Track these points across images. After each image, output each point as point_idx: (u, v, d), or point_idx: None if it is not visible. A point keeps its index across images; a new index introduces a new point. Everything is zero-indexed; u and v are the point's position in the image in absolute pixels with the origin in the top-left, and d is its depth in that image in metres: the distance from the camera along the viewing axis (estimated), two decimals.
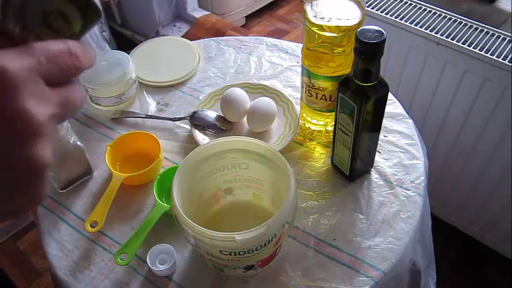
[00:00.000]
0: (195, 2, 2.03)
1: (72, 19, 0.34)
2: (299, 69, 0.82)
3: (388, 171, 0.73)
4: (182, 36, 1.75)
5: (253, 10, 2.28)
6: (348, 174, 0.71)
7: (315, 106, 0.73)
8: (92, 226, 0.66)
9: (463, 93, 1.08)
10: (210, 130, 0.79)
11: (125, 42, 1.95)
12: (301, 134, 0.79)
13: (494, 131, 1.08)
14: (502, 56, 0.98)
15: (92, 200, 0.72)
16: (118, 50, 0.89)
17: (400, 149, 0.76)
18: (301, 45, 0.73)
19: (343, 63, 0.66)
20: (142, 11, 1.95)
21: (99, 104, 0.85)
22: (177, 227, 0.55)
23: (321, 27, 0.62)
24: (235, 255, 0.53)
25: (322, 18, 0.63)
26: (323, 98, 0.71)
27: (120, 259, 0.61)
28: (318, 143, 0.78)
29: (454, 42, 1.02)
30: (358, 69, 0.59)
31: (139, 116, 0.84)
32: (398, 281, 0.64)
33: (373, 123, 0.66)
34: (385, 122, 0.79)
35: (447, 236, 1.35)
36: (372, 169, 0.74)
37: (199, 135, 0.78)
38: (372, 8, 1.12)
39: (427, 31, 1.05)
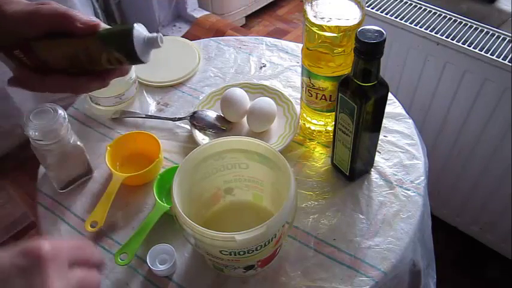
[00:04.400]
0: (195, 2, 2.03)
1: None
2: (299, 69, 0.82)
3: (388, 171, 0.73)
4: (182, 36, 1.75)
5: (253, 10, 2.28)
6: (348, 174, 0.71)
7: (315, 106, 0.73)
8: (92, 226, 0.66)
9: (463, 93, 1.08)
10: (210, 130, 0.79)
11: None
12: (301, 134, 0.79)
13: (494, 131, 1.08)
14: (502, 56, 0.98)
15: (92, 200, 0.72)
16: None
17: (400, 149, 0.76)
18: (301, 45, 0.73)
19: (343, 63, 0.66)
20: (143, 11, 1.95)
21: (99, 104, 0.85)
22: (177, 227, 0.55)
23: (321, 27, 0.62)
24: (235, 255, 0.53)
25: (322, 18, 0.63)
26: (323, 98, 0.71)
27: (120, 259, 0.61)
28: (318, 143, 0.78)
29: (454, 42, 1.02)
30: (358, 69, 0.59)
31: (139, 116, 0.84)
32: (398, 281, 0.64)
33: (373, 123, 0.66)
34: (385, 122, 0.79)
35: (447, 236, 1.35)
36: (372, 169, 0.74)
37: (199, 135, 0.78)
38: (372, 8, 1.12)
39: (427, 31, 1.05)
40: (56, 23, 0.51)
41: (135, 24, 0.50)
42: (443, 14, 1.09)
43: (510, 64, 0.97)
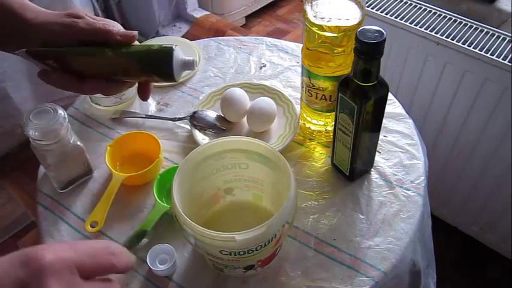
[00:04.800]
0: (195, 2, 2.04)
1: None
2: (299, 69, 0.82)
3: (388, 171, 0.73)
4: (182, 36, 1.75)
5: (253, 10, 2.28)
6: (348, 174, 0.71)
7: (315, 106, 0.73)
8: (92, 226, 0.66)
9: (463, 93, 1.08)
10: (210, 130, 0.79)
11: None
12: (301, 134, 0.79)
13: (494, 131, 1.08)
14: (502, 56, 0.98)
15: (92, 200, 0.72)
16: None
17: (400, 149, 0.76)
18: (301, 45, 0.73)
19: (343, 63, 0.66)
20: (142, 11, 1.95)
21: (99, 104, 0.85)
22: (177, 227, 0.55)
23: (321, 27, 0.62)
24: (235, 255, 0.53)
25: (322, 18, 0.63)
26: (323, 98, 0.71)
27: None
28: (318, 143, 0.78)
29: (454, 42, 1.02)
30: (358, 69, 0.59)
31: (139, 116, 0.84)
32: (398, 281, 0.64)
33: (373, 123, 0.66)
34: (385, 122, 0.79)
35: (447, 236, 1.35)
36: (372, 169, 0.74)
37: (199, 135, 0.78)
38: (372, 8, 1.12)
39: (427, 31, 1.05)
40: (95, 37, 0.52)
41: (174, 48, 0.50)
42: (443, 14, 1.09)
43: (510, 64, 0.97)
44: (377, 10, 1.12)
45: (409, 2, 1.13)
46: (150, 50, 0.52)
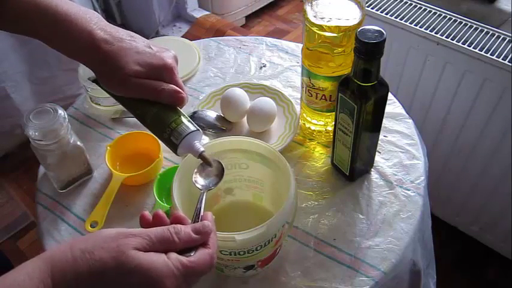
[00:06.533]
0: (195, 2, 2.04)
1: None
2: (299, 69, 0.82)
3: (388, 171, 0.73)
4: (182, 36, 1.75)
5: (253, 10, 2.28)
6: (348, 174, 0.71)
7: (315, 106, 0.73)
8: (92, 226, 0.66)
9: (463, 93, 1.08)
10: (210, 130, 0.79)
11: None
12: (301, 134, 0.79)
13: (494, 131, 1.08)
14: (502, 56, 0.98)
15: (92, 200, 0.72)
16: None
17: (400, 149, 0.76)
18: (301, 45, 0.73)
19: (343, 63, 0.66)
20: (142, 11, 1.95)
21: (99, 104, 0.85)
22: None
23: (321, 27, 0.62)
24: (235, 255, 0.53)
25: (322, 18, 0.63)
26: (323, 98, 0.71)
27: None
28: (318, 143, 0.78)
29: (454, 42, 1.02)
30: (358, 69, 0.59)
31: None
32: (398, 281, 0.64)
33: (373, 123, 0.66)
34: (385, 122, 0.79)
35: (447, 236, 1.35)
36: (372, 169, 0.74)
37: None
38: (372, 8, 1.12)
39: (427, 31, 1.05)
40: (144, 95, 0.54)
41: (178, 144, 0.53)
42: (443, 14, 1.09)
43: (510, 64, 0.97)
44: (377, 10, 1.12)
45: (409, 2, 1.13)
46: (162, 135, 0.54)
